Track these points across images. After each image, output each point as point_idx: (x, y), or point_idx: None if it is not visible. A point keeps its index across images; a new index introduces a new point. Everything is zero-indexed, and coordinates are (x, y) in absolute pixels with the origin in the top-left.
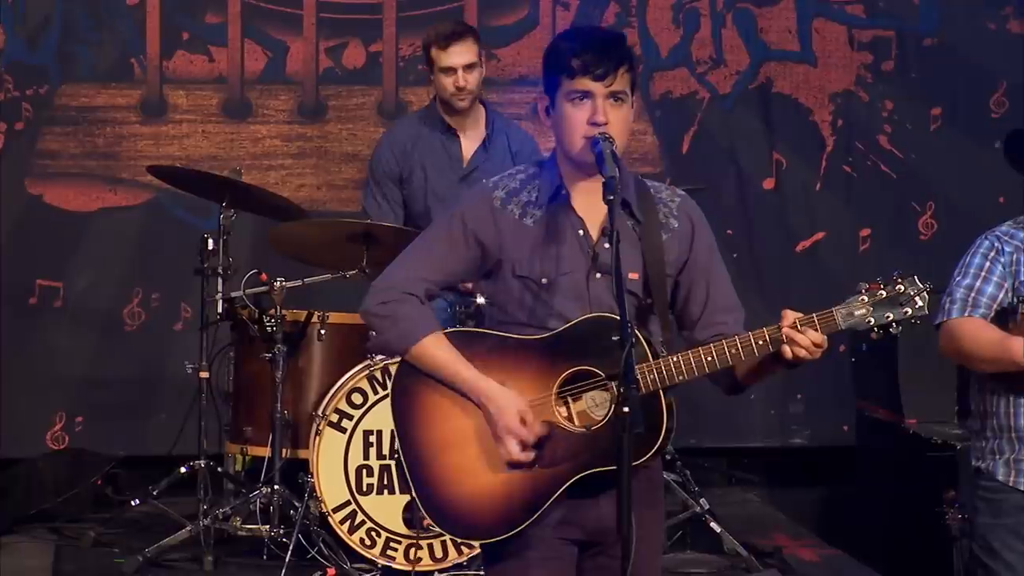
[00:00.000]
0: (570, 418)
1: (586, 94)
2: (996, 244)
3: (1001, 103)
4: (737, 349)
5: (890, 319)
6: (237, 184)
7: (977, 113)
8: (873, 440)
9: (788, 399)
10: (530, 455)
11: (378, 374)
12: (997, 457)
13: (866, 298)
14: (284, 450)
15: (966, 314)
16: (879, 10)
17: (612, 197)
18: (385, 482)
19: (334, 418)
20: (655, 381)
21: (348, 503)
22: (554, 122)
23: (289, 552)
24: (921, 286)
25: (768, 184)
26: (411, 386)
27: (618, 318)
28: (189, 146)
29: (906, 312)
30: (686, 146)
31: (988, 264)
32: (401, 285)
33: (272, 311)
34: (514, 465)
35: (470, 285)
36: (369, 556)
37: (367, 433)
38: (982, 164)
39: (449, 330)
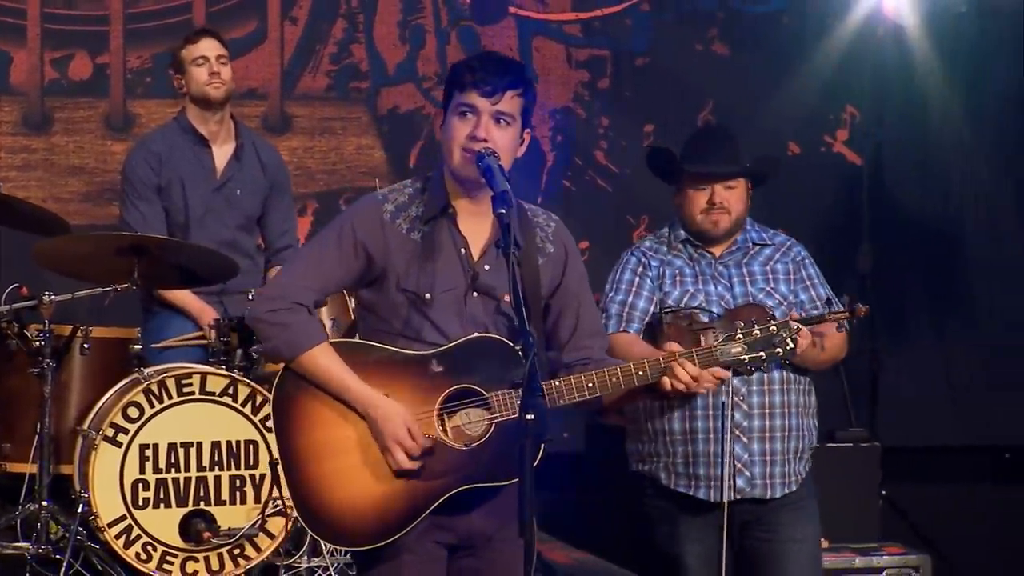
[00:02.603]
0: (446, 433)
1: (472, 109)
2: (643, 259)
3: (708, 121)
4: (618, 378)
5: (762, 357)
6: None
7: (686, 130)
8: (611, 446)
9: None
10: (416, 464)
11: (154, 388)
12: (656, 461)
13: (742, 337)
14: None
15: (621, 329)
16: (595, 30)
17: (504, 211)
18: (161, 496)
19: (109, 432)
20: None
21: (124, 518)
22: (442, 136)
23: (63, 569)
24: (792, 329)
25: None
26: (293, 393)
27: (501, 339)
28: None
29: (778, 352)
30: (414, 160)
31: (638, 279)
32: (291, 294)
33: (39, 326)
34: (401, 473)
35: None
36: (145, 570)
37: (143, 447)
38: None
39: (336, 340)
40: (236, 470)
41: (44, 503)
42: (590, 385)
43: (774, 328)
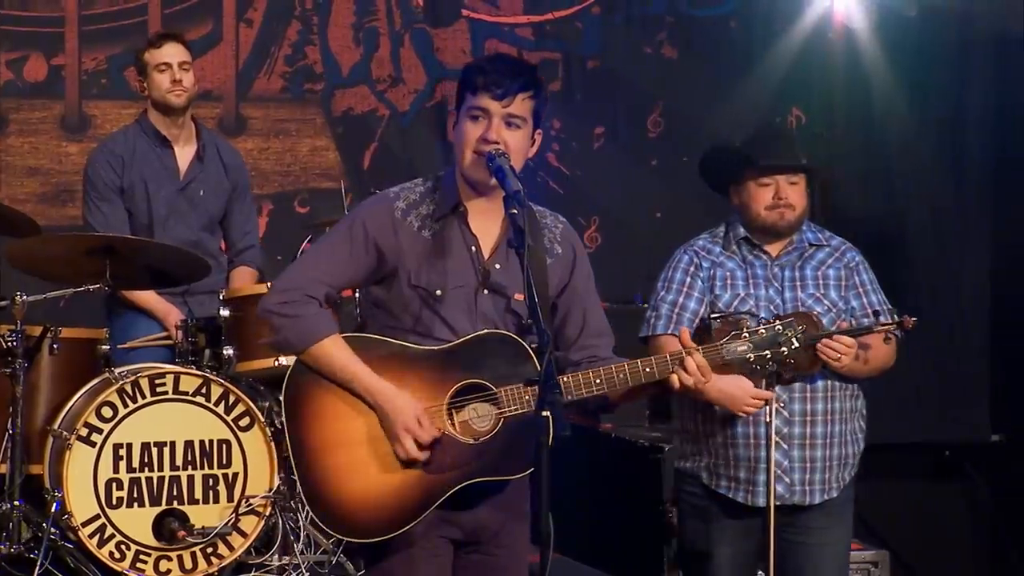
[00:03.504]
0: (454, 427)
1: (484, 112)
2: (695, 259)
3: (657, 123)
4: (626, 374)
5: (767, 356)
6: None
7: (636, 132)
8: (567, 444)
9: None
10: (425, 454)
11: (128, 388)
12: (699, 460)
13: (748, 336)
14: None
15: (670, 331)
16: (546, 33)
17: (516, 211)
18: (135, 495)
19: (83, 432)
20: None
21: (98, 517)
22: (455, 137)
23: (37, 568)
24: (797, 328)
25: None
26: (304, 386)
27: (512, 336)
28: None
29: (782, 351)
30: (367, 162)
31: (689, 280)
32: (302, 287)
33: (10, 326)
34: (408, 464)
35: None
36: (118, 569)
37: (117, 447)
38: (640, 181)
39: (348, 335)
40: (209, 469)
41: (16, 503)
42: (598, 381)
43: (779, 327)
